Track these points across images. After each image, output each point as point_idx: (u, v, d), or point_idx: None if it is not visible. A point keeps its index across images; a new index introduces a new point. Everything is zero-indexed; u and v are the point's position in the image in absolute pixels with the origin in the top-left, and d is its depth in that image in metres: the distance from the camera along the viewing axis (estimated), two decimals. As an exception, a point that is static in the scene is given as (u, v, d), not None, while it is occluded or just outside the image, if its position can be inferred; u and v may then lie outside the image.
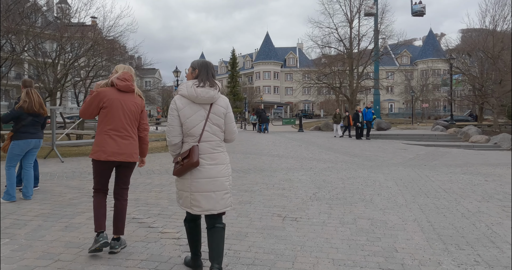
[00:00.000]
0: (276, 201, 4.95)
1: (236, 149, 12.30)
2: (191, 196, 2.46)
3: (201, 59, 2.68)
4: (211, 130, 2.50)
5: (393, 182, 6.65)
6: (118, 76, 3.07)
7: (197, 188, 2.44)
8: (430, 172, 7.98)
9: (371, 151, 12.52)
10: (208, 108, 2.50)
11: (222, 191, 2.50)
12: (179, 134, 2.49)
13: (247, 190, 5.70)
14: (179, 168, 2.46)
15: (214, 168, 2.47)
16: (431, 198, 5.25)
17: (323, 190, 5.75)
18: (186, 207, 2.51)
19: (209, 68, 2.58)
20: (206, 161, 2.45)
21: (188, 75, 2.62)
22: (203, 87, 2.47)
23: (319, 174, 7.43)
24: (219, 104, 2.56)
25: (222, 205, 2.50)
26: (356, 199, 5.14)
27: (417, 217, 4.21)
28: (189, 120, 2.45)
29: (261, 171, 7.73)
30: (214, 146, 2.50)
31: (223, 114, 2.55)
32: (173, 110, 2.49)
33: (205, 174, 2.44)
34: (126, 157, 3.02)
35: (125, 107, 3.04)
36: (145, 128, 3.26)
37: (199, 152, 2.42)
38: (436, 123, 21.38)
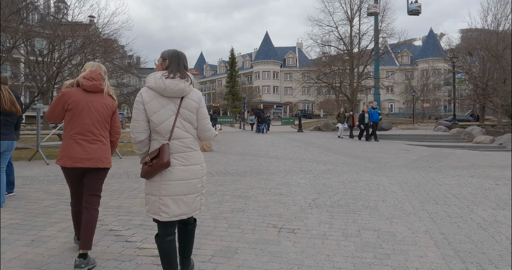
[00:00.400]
0: (272, 209, 4.52)
1: (233, 150, 11.87)
2: (160, 201, 2.23)
3: (173, 49, 2.43)
4: (183, 127, 2.29)
5: (398, 186, 6.22)
6: (85, 75, 2.83)
7: (168, 192, 2.23)
8: (436, 174, 7.56)
9: (372, 152, 12.09)
10: (178, 102, 2.28)
11: (194, 194, 2.32)
12: (145, 130, 2.27)
13: (241, 195, 5.26)
14: (148, 169, 2.23)
15: (187, 169, 2.28)
16: (441, 205, 4.82)
17: (323, 196, 5.32)
18: (153, 213, 2.26)
19: (180, 59, 2.37)
20: (178, 161, 2.25)
21: (158, 66, 2.40)
22: (173, 78, 2.25)
23: (319, 177, 7.00)
24: (191, 97, 2.34)
25: (192, 209, 2.33)
26: (360, 206, 4.71)
27: (429, 228, 3.78)
28: (157, 114, 2.22)
29: (257, 174, 7.30)
30: (187, 144, 2.30)
31: (195, 109, 2.34)
32: (138, 103, 2.26)
33: (177, 175, 2.24)
34: (95, 163, 2.78)
35: (92, 108, 2.81)
36: (117, 132, 3.03)
37: (170, 152, 2.22)
38: (439, 123, 20.93)
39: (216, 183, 6.17)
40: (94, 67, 2.92)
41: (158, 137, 2.26)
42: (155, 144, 2.27)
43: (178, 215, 2.26)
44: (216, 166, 8.31)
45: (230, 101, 60.43)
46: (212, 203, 4.75)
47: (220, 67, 74.61)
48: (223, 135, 19.77)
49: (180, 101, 2.29)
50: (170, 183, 2.23)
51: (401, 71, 39.95)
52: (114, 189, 5.55)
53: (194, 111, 2.34)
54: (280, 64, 65.50)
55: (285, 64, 66.05)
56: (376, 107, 16.78)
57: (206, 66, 79.03)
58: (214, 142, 14.33)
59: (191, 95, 2.35)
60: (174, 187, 2.24)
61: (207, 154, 10.54)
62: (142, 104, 2.23)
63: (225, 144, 14.01)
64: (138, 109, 2.25)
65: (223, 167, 8.08)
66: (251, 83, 65.44)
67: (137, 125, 2.26)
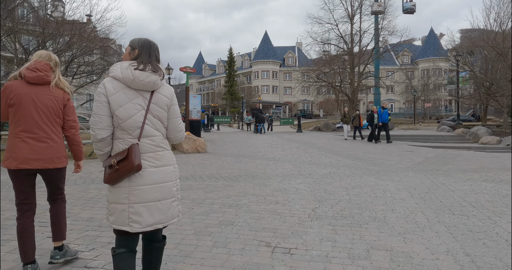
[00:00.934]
0: (266, 221, 3.93)
1: (228, 151, 11.28)
2: (129, 209, 1.95)
3: (144, 38, 2.17)
4: (152, 124, 2.04)
5: (406, 192, 5.64)
6: (28, 65, 2.58)
7: (139, 198, 1.96)
8: (445, 179, 6.98)
9: (375, 153, 11.52)
10: (148, 97, 2.04)
11: (169, 199, 2.07)
12: (108, 126, 1.99)
13: (232, 204, 4.67)
14: (114, 173, 1.95)
15: (160, 170, 2.03)
16: (458, 216, 4.24)
17: (324, 204, 4.74)
18: (121, 224, 1.97)
19: (152, 50, 2.12)
20: (149, 162, 2.00)
21: (125, 55, 2.14)
22: (143, 70, 2.00)
23: (319, 182, 6.42)
24: (163, 93, 2.10)
25: (169, 216, 2.07)
26: (366, 218, 4.13)
27: (450, 247, 3.19)
28: (123, 109, 1.97)
29: (252, 178, 6.71)
30: (157, 143, 2.06)
31: (166, 105, 2.10)
32: (100, 95, 1.98)
33: (149, 179, 1.98)
34: (44, 164, 2.53)
35: (38, 103, 2.54)
36: (71, 126, 2.72)
37: (140, 152, 1.96)
38: (442, 123, 20.36)
39: (206, 189, 5.59)
40: (42, 57, 2.66)
41: (124, 135, 2.00)
42: (120, 144, 2.00)
43: (152, 225, 1.99)
44: (208, 169, 7.73)
45: (229, 101, 59.84)
46: (197, 214, 4.17)
47: (219, 66, 74.00)
48: (220, 135, 19.19)
49: (150, 96, 2.04)
50: (141, 188, 1.96)
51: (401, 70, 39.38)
52: (90, 197, 4.96)
53: (166, 108, 2.10)
54: (279, 63, 64.90)
55: (284, 64, 65.45)
56: (386, 106, 15.70)
57: (205, 66, 78.45)
58: (209, 142, 13.75)
59: (163, 90, 2.11)
60: (146, 192, 1.97)
61: (201, 156, 9.95)
62: (105, 96, 1.96)
63: (221, 144, 13.42)
64: (100, 102, 1.96)
65: (216, 171, 7.49)
66: (250, 83, 64.85)
67: (98, 121, 1.96)
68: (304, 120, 38.29)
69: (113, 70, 2.02)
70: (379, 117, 15.19)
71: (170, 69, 21.39)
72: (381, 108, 15.41)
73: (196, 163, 8.54)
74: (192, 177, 6.68)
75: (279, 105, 61.59)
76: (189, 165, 8.27)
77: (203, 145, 11.06)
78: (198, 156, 10.02)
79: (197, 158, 9.47)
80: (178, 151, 10.69)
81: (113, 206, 2.00)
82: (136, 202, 1.96)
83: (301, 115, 36.64)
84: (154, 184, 2.00)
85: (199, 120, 14.51)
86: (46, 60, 2.63)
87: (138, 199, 1.96)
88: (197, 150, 10.74)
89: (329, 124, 24.82)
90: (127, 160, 1.91)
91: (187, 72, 15.06)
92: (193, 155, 10.10)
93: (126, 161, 1.91)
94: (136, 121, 1.98)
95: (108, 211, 2.04)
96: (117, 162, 1.94)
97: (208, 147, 12.10)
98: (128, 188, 1.97)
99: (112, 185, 2.01)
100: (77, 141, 2.74)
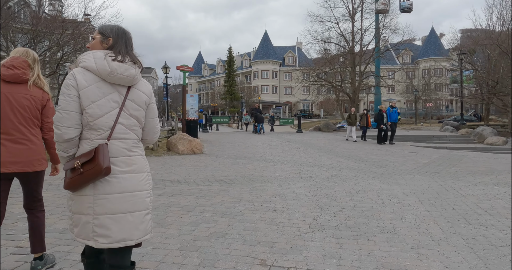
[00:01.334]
0: (262, 233, 3.52)
1: (226, 152, 10.87)
2: (94, 221, 1.73)
3: (117, 25, 1.92)
4: (127, 124, 1.82)
5: (414, 197, 5.23)
6: (5, 62, 2.42)
7: (105, 209, 1.72)
8: (454, 182, 6.58)
9: (378, 154, 11.11)
10: (124, 92, 1.82)
11: (142, 211, 1.81)
12: (77, 124, 1.74)
13: (225, 212, 4.26)
14: (76, 178, 1.71)
15: (131, 177, 1.79)
16: (475, 226, 3.83)
17: (327, 212, 4.32)
18: (85, 238, 1.75)
19: (128, 39, 1.90)
20: (119, 167, 1.77)
21: (95, 44, 1.86)
22: (122, 62, 1.78)
23: (320, 185, 6.00)
24: (141, 89, 1.89)
25: (142, 231, 1.80)
26: (374, 228, 3.71)
27: (472, 266, 2.78)
28: (96, 105, 1.73)
29: (249, 182, 6.30)
30: (130, 146, 1.82)
31: (144, 103, 1.89)
32: (69, 88, 1.72)
33: (118, 186, 1.74)
34: (23, 167, 2.39)
35: (14, 102, 2.39)
36: (51, 128, 2.55)
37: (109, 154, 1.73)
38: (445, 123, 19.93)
39: (198, 195, 5.17)
40: (19, 53, 2.50)
41: (92, 135, 1.75)
42: (87, 144, 1.75)
43: (121, 240, 1.73)
44: (203, 171, 7.31)
45: (228, 100, 59.42)
46: (186, 224, 3.75)
47: (219, 66, 73.54)
48: (218, 135, 18.78)
49: (126, 91, 1.81)
50: (108, 197, 1.72)
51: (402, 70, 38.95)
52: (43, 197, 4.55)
53: (144, 106, 1.87)
54: (279, 63, 64.45)
55: (284, 64, 65.01)
56: (395, 105, 14.80)
57: (204, 66, 78.04)
58: (206, 143, 13.34)
59: (141, 86, 1.89)
60: (114, 202, 1.72)
61: (196, 157, 9.54)
62: (75, 89, 1.70)
63: (218, 145, 13.01)
64: (69, 95, 1.70)
65: (211, 173, 7.08)
66: (250, 83, 64.41)
67: (66, 117, 1.70)
68: (304, 120, 37.88)
69: (84, 60, 1.76)
70: (387, 117, 14.33)
71: (167, 68, 20.98)
72: (389, 107, 14.58)
73: (191, 165, 8.13)
74: (184, 181, 6.26)
75: (279, 105, 61.16)
76: (183, 167, 7.85)
77: (199, 146, 10.64)
78: (193, 157, 9.60)
79: (192, 160, 9.06)
80: (173, 152, 10.28)
81: (76, 217, 1.76)
82: (102, 213, 1.72)
83: (301, 115, 36.24)
84: (124, 192, 1.75)
85: (196, 120, 14.10)
86: (24, 56, 2.48)
87: (104, 209, 1.72)
88: (193, 151, 10.32)
89: (329, 124, 24.40)
90: (93, 162, 1.67)
91: (184, 70, 14.68)
92: (189, 157, 9.69)
93: (92, 163, 1.67)
94: (109, 119, 1.76)
95: (72, 222, 1.80)
96: (82, 164, 1.70)
97: (205, 148, 11.69)
98: (92, 196, 1.72)
99: (74, 192, 1.76)
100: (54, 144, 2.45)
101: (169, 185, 5.85)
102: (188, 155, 10.11)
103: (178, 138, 10.51)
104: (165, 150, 10.58)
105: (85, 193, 1.73)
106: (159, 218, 3.96)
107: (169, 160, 9.04)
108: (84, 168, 1.69)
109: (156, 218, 3.96)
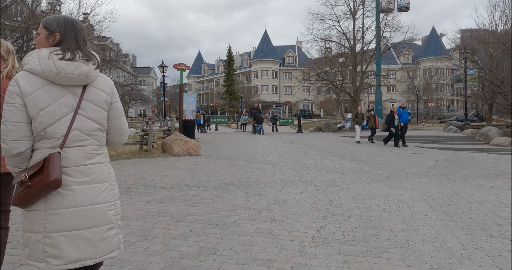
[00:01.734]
0: (259, 249, 3.10)
1: (223, 154, 10.45)
2: (45, 240, 1.51)
3: (63, 16, 1.69)
4: (85, 128, 1.60)
5: (425, 204, 4.82)
6: None
7: (58, 225, 1.52)
8: (465, 186, 6.17)
9: (381, 156, 10.70)
10: (79, 93, 1.60)
11: (103, 227, 1.60)
12: (27, 136, 1.53)
13: (219, 222, 3.84)
14: (24, 192, 1.50)
15: (89, 189, 1.58)
16: (498, 239, 3.41)
17: (331, 222, 3.91)
18: (36, 260, 1.54)
19: (78, 31, 1.66)
20: (75, 178, 1.56)
21: (40, 41, 1.64)
22: (73, 60, 1.56)
23: (323, 190, 5.59)
24: (99, 87, 1.66)
25: (103, 249, 1.59)
26: (384, 242, 3.29)
27: (506, 292, 2.36)
28: (45, 113, 1.52)
29: (246, 186, 5.88)
30: (89, 153, 1.61)
31: (105, 103, 1.67)
32: (12, 96, 1.51)
33: (72, 200, 1.54)
34: None
35: None
36: None
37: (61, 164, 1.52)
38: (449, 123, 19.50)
39: (191, 202, 4.75)
40: None
41: (43, 144, 1.56)
42: (37, 154, 1.57)
43: (77, 260, 1.55)
44: (198, 175, 6.89)
45: (227, 100, 59.00)
46: (173, 238, 3.33)
47: (218, 66, 73.09)
48: (216, 136, 18.35)
49: (82, 91, 1.62)
50: (61, 212, 1.54)
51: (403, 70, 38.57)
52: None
53: (104, 106, 1.67)
54: (279, 63, 64.02)
55: (284, 63, 64.58)
56: (405, 106, 14.09)
57: (204, 66, 77.62)
58: (203, 144, 12.92)
59: (99, 83, 1.68)
60: (68, 217, 1.55)
61: (192, 159, 9.12)
62: (19, 97, 1.52)
63: (216, 146, 12.58)
64: (14, 105, 1.52)
65: (206, 177, 6.66)
66: (250, 83, 63.98)
67: (12, 130, 1.52)
68: (304, 120, 37.49)
69: (28, 62, 1.55)
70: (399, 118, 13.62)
71: (164, 67, 20.56)
72: (400, 108, 13.90)
73: (186, 168, 7.71)
74: (177, 186, 5.84)
75: (279, 105, 60.75)
76: (177, 170, 7.43)
77: (196, 147, 10.22)
78: (189, 159, 9.18)
79: (188, 162, 8.63)
80: (168, 154, 9.86)
81: (27, 236, 1.58)
82: (54, 230, 1.54)
83: (301, 115, 35.81)
84: (79, 206, 1.56)
85: (193, 120, 13.67)
86: None
87: (56, 226, 1.54)
88: (188, 153, 9.90)
89: (330, 124, 24.00)
90: (41, 174, 1.49)
91: (181, 69, 14.26)
92: (184, 158, 9.27)
93: (40, 175, 1.49)
94: (62, 126, 1.56)
95: (23, 241, 1.61)
96: (29, 177, 1.52)
97: (201, 149, 11.27)
98: (44, 212, 1.54)
99: (25, 208, 1.57)
100: None
101: (159, 190, 5.43)
102: (184, 156, 9.68)
103: (173, 139, 10.09)
104: (160, 152, 10.16)
105: (36, 209, 1.54)
106: (144, 230, 3.54)
107: (163, 162, 8.61)
108: (32, 181, 1.50)
109: (141, 230, 3.54)
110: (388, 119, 13.81)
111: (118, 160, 8.77)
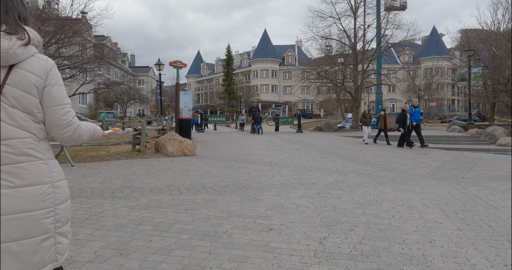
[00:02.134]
0: (253, 266, 2.66)
1: (219, 154, 10.00)
2: None
3: None
4: (11, 119, 1.32)
5: (437, 210, 4.38)
6: None
7: None
8: (477, 189, 5.73)
9: (384, 156, 10.26)
10: (2, 77, 1.30)
11: (36, 238, 1.34)
12: None
13: (209, 233, 3.39)
14: None
15: (19, 193, 1.31)
16: (527, 253, 2.97)
17: (335, 232, 3.46)
18: None
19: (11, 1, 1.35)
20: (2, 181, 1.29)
21: None
22: None
23: (325, 194, 5.15)
24: (28, 68, 1.34)
25: (35, 263, 1.33)
26: (398, 257, 2.85)
27: None
28: None
29: (242, 189, 5.44)
30: (19, 149, 1.33)
31: (35, 87, 1.36)
32: None
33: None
34: None
35: None
36: None
37: None
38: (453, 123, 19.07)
39: (179, 208, 4.31)
40: None
41: None
42: None
43: None
44: (191, 177, 6.45)
45: (227, 100, 58.55)
46: (154, 252, 2.89)
47: (218, 65, 72.65)
48: (214, 136, 17.90)
49: (6, 74, 1.30)
50: None
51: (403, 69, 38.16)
52: None
53: (34, 91, 1.34)
54: (279, 62, 63.58)
55: (284, 63, 64.15)
56: (417, 105, 13.34)
57: (203, 65, 77.18)
58: (200, 144, 12.47)
59: (29, 64, 1.34)
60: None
61: (186, 160, 8.67)
62: None
63: (213, 146, 12.14)
64: None
65: (199, 179, 6.22)
66: (249, 82, 63.54)
67: None
68: (304, 120, 37.05)
69: None
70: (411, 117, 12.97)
71: (161, 65, 20.13)
72: (412, 107, 13.22)
73: (178, 169, 7.26)
74: (167, 189, 5.40)
75: (278, 105, 60.32)
76: (169, 171, 6.98)
77: (191, 147, 9.77)
78: (183, 160, 8.73)
79: (182, 163, 8.19)
80: (161, 154, 9.41)
81: None
82: None
83: (301, 115, 35.37)
84: (5, 215, 1.31)
85: (189, 120, 13.23)
86: None
87: None
88: (183, 153, 9.46)
89: (331, 124, 23.56)
90: None
91: (177, 66, 13.81)
92: (178, 159, 8.82)
93: None
94: None
95: None
96: None
97: (197, 149, 10.83)
98: None
99: None
100: None
101: (147, 194, 4.98)
102: (178, 157, 9.24)
103: (167, 138, 9.64)
104: (153, 152, 9.71)
105: None
106: (121, 242, 3.10)
107: (156, 163, 8.17)
108: None
109: (118, 242, 3.09)
110: (399, 118, 13.11)
111: (108, 161, 8.32)
